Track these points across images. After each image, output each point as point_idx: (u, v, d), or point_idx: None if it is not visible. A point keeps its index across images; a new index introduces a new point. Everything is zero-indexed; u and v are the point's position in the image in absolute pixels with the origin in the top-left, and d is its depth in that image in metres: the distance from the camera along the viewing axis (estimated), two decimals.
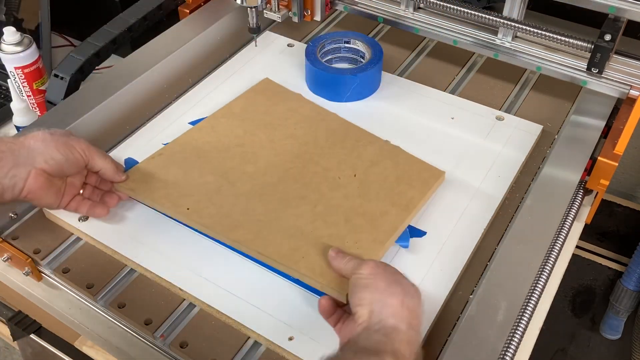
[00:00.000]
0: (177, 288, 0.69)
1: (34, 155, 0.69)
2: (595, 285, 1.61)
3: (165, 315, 0.67)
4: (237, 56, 1.02)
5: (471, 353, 0.60)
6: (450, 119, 0.89)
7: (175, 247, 0.73)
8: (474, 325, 0.62)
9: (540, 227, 0.72)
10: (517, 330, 0.63)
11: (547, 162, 0.80)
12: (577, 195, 0.80)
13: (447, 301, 0.69)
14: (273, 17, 1.00)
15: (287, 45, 1.04)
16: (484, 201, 0.78)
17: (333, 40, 0.96)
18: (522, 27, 0.87)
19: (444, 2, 0.91)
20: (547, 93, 0.95)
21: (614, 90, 0.88)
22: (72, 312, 0.72)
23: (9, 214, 0.76)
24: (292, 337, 0.65)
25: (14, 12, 1.25)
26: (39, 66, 1.03)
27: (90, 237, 0.74)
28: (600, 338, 1.53)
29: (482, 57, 1.01)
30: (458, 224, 0.76)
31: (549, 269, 0.70)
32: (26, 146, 0.69)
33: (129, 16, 0.99)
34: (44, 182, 0.70)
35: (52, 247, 0.74)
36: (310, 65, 0.92)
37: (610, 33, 0.81)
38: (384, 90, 0.95)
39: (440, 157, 0.83)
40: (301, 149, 0.82)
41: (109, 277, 0.71)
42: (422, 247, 0.73)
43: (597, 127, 0.85)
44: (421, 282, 0.70)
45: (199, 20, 1.01)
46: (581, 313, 1.58)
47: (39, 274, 0.74)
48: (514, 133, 0.87)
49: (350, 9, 1.03)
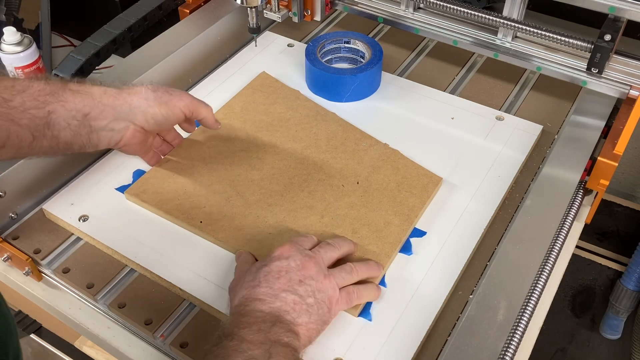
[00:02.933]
0: (177, 288, 0.69)
1: (135, 113, 0.72)
2: (595, 285, 1.61)
3: (165, 315, 0.67)
4: (237, 56, 1.02)
5: (471, 353, 0.60)
6: (450, 119, 0.89)
7: (175, 247, 0.73)
8: (474, 325, 0.62)
9: (540, 227, 0.72)
10: (517, 330, 0.63)
11: (547, 162, 0.80)
12: (577, 195, 0.80)
13: (447, 301, 0.69)
14: (273, 17, 1.00)
15: (287, 45, 1.04)
16: (483, 201, 0.78)
17: (333, 40, 0.96)
18: (522, 27, 0.87)
19: (444, 2, 0.91)
20: (547, 93, 0.95)
21: (613, 90, 0.88)
22: (72, 312, 0.72)
23: (9, 214, 0.76)
24: None
25: (14, 12, 1.25)
26: (39, 66, 1.03)
27: (90, 237, 0.74)
28: (600, 338, 1.53)
29: (482, 57, 1.01)
30: (458, 224, 0.76)
31: (549, 269, 0.70)
32: (128, 102, 0.72)
33: (129, 16, 0.99)
34: (139, 138, 0.74)
35: (52, 247, 0.74)
36: (310, 65, 0.92)
37: (610, 33, 0.81)
38: (384, 90, 0.95)
39: (440, 157, 0.83)
40: (303, 153, 0.82)
41: (109, 277, 0.71)
42: (422, 247, 0.73)
43: (597, 127, 0.85)
44: (421, 282, 0.70)
45: (199, 20, 1.01)
46: (581, 313, 1.58)
47: (39, 274, 0.74)
48: (514, 133, 0.87)
49: (350, 9, 1.03)
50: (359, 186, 0.78)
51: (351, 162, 0.81)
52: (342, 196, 0.77)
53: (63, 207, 0.77)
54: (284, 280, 0.61)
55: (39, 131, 0.66)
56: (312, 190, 0.78)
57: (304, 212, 0.75)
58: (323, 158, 0.82)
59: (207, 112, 0.78)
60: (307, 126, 0.87)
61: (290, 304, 0.60)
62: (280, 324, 0.58)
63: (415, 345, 0.64)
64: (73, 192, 0.79)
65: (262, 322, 0.57)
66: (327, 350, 0.63)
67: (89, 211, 0.77)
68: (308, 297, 0.61)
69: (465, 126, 0.88)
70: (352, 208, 0.75)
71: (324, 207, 0.75)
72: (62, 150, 0.70)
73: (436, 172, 0.80)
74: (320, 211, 0.75)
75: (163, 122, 0.74)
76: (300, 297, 0.60)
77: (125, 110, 0.71)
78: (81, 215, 0.76)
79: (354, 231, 0.73)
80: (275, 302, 0.59)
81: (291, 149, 0.83)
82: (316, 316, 0.61)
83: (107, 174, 0.81)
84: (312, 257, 0.64)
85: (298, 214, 0.75)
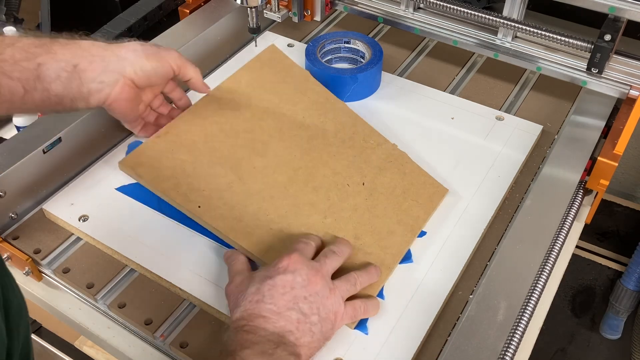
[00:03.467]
0: (177, 288, 0.69)
1: (124, 65, 0.71)
2: (595, 285, 1.61)
3: (165, 315, 0.67)
4: (237, 56, 1.02)
5: (471, 353, 0.60)
6: (450, 119, 0.89)
7: (175, 247, 0.73)
8: (474, 325, 0.62)
9: (540, 227, 0.72)
10: (517, 330, 0.63)
11: (547, 162, 0.80)
12: (577, 195, 0.80)
13: (447, 301, 0.69)
14: (273, 17, 1.00)
15: (287, 45, 1.04)
16: (484, 201, 0.78)
17: (333, 40, 0.96)
18: (522, 27, 0.87)
19: (444, 2, 0.91)
20: (547, 93, 0.95)
21: (613, 90, 0.88)
22: (72, 312, 0.72)
23: (9, 214, 0.76)
24: None
25: (14, 12, 1.25)
26: None
27: (90, 237, 0.74)
28: (600, 338, 1.53)
29: (482, 57, 1.01)
30: (458, 224, 0.76)
31: (549, 269, 0.70)
32: (117, 54, 0.71)
33: (129, 16, 1.00)
34: (129, 93, 0.72)
35: (52, 247, 0.74)
36: (310, 65, 0.92)
37: (610, 33, 0.81)
38: (384, 90, 0.95)
39: (440, 157, 0.83)
40: (310, 143, 0.80)
41: (109, 277, 0.71)
42: (422, 247, 0.73)
43: (597, 127, 0.85)
44: (421, 282, 0.70)
45: (199, 20, 1.01)
46: (581, 313, 1.58)
47: (39, 274, 0.74)
48: (514, 133, 0.87)
49: (350, 9, 1.03)
50: (364, 188, 0.77)
51: (358, 159, 0.80)
52: (346, 197, 0.75)
53: (63, 207, 0.77)
54: (289, 297, 0.59)
55: (30, 84, 0.66)
56: (317, 187, 0.76)
57: (306, 209, 0.74)
58: (330, 151, 0.80)
59: (194, 73, 0.77)
60: (316, 113, 0.84)
61: (295, 324, 0.58)
62: (284, 345, 0.56)
63: (415, 345, 0.64)
64: (73, 192, 0.79)
65: (266, 343, 0.55)
66: (327, 350, 0.63)
67: (89, 211, 0.77)
68: (312, 315, 0.59)
69: (465, 126, 0.88)
70: (356, 211, 0.74)
71: (328, 207, 0.74)
72: (54, 105, 0.69)
73: (436, 172, 0.81)
74: (323, 211, 0.74)
75: (153, 74, 0.73)
76: (304, 315, 0.59)
77: (114, 61, 0.70)
78: (81, 215, 0.76)
79: (357, 237, 0.71)
80: (280, 321, 0.58)
81: (297, 136, 0.81)
82: (319, 335, 0.60)
83: (107, 174, 0.81)
84: (318, 271, 0.62)
85: (300, 211, 0.73)
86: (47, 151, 0.78)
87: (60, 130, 0.79)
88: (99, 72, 0.70)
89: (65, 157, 0.80)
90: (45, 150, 0.78)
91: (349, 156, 0.80)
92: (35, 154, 0.76)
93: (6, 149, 0.77)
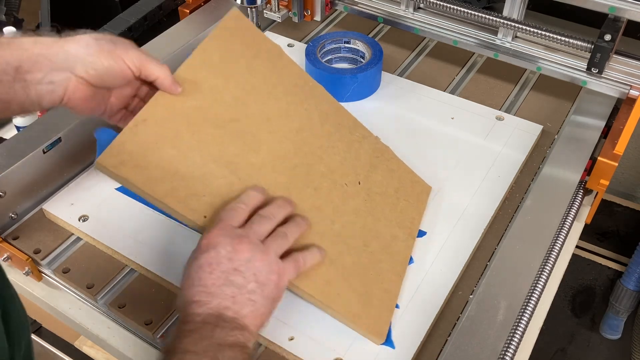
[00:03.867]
0: (177, 288, 0.69)
1: (74, 62, 0.62)
2: (595, 285, 1.61)
3: (165, 315, 0.67)
4: None
5: (471, 353, 0.60)
6: (450, 119, 0.89)
7: (175, 247, 0.73)
8: (474, 325, 0.62)
9: (540, 227, 0.72)
10: (517, 330, 0.63)
11: (547, 162, 0.80)
12: (577, 195, 0.80)
13: (447, 301, 0.69)
14: (273, 17, 1.00)
15: (287, 45, 1.04)
16: (483, 201, 0.78)
17: (333, 40, 0.96)
18: (522, 27, 0.87)
19: (444, 2, 0.91)
20: (547, 93, 0.95)
21: (613, 90, 0.88)
22: (72, 312, 0.72)
23: (9, 214, 0.76)
24: (292, 337, 0.65)
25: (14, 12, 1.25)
26: None
27: (90, 237, 0.74)
28: (600, 338, 1.53)
29: (482, 57, 1.01)
30: (458, 224, 0.76)
31: (549, 269, 0.70)
32: (65, 50, 0.62)
33: (129, 16, 1.00)
34: (85, 92, 0.63)
35: (52, 247, 0.74)
36: (310, 65, 0.92)
37: (610, 33, 0.81)
38: (384, 90, 0.95)
39: (440, 157, 0.83)
40: (300, 136, 0.75)
41: (109, 277, 0.71)
42: (422, 247, 0.73)
43: (597, 127, 0.85)
44: (421, 281, 0.70)
45: (199, 20, 1.01)
46: (581, 313, 1.58)
47: (39, 274, 0.74)
48: (514, 133, 0.87)
49: (350, 9, 1.03)
50: (361, 188, 0.76)
51: (349, 155, 0.78)
52: (346, 198, 0.74)
53: (63, 207, 0.77)
54: (217, 274, 0.56)
55: None
56: (317, 187, 0.73)
57: (313, 214, 0.70)
58: (321, 145, 0.76)
59: (161, 72, 0.65)
60: (297, 99, 0.78)
61: (229, 299, 0.55)
62: (223, 323, 0.54)
63: (416, 345, 0.64)
64: (73, 192, 0.79)
65: (203, 327, 0.53)
66: (327, 350, 0.64)
67: (89, 211, 0.77)
68: (248, 284, 0.56)
69: (465, 126, 0.88)
70: (359, 215, 0.73)
71: (332, 211, 0.72)
72: (3, 111, 0.62)
73: (436, 172, 0.81)
74: (329, 215, 0.71)
75: (105, 73, 0.63)
76: (239, 287, 0.56)
77: (62, 59, 0.61)
78: (81, 215, 0.76)
79: (366, 244, 0.70)
80: (213, 301, 0.55)
81: (285, 128, 0.75)
82: (262, 300, 0.57)
83: None
84: (242, 237, 0.58)
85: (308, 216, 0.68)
86: (47, 151, 0.78)
87: (60, 130, 0.79)
88: (46, 71, 0.61)
89: (65, 157, 0.80)
90: (45, 150, 0.78)
91: (340, 151, 0.77)
92: (35, 154, 0.76)
93: (6, 149, 0.77)
